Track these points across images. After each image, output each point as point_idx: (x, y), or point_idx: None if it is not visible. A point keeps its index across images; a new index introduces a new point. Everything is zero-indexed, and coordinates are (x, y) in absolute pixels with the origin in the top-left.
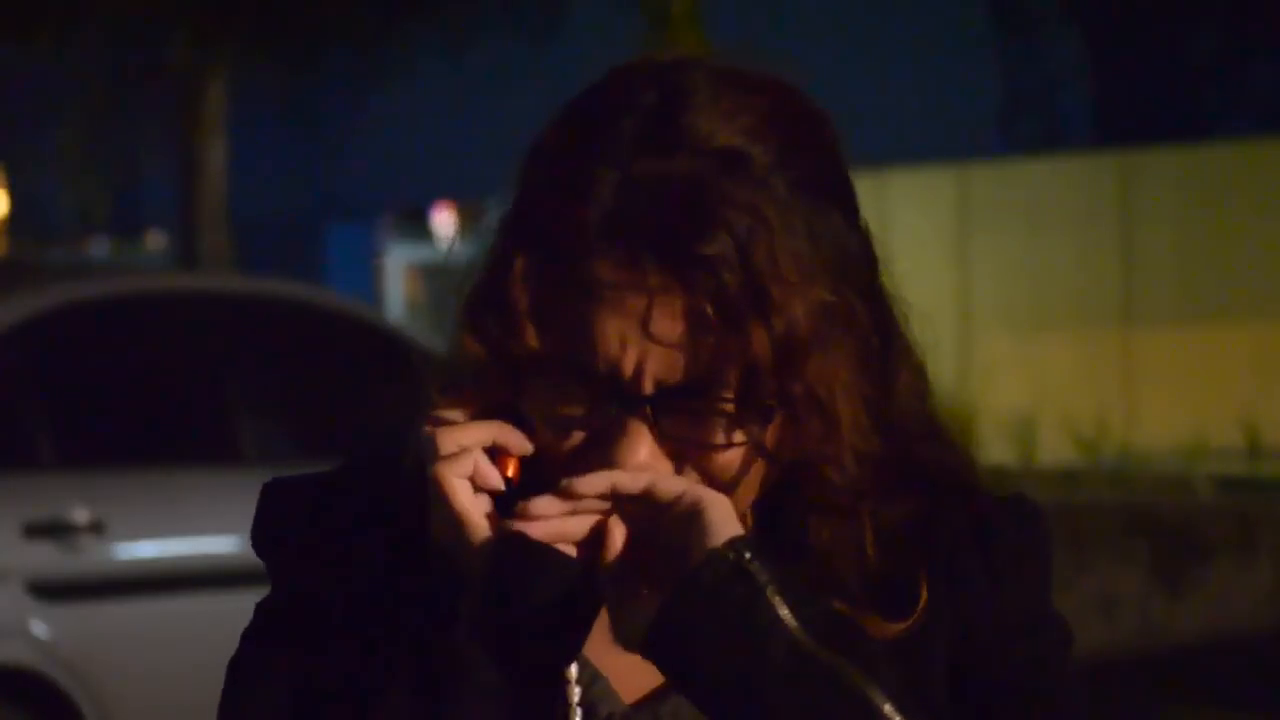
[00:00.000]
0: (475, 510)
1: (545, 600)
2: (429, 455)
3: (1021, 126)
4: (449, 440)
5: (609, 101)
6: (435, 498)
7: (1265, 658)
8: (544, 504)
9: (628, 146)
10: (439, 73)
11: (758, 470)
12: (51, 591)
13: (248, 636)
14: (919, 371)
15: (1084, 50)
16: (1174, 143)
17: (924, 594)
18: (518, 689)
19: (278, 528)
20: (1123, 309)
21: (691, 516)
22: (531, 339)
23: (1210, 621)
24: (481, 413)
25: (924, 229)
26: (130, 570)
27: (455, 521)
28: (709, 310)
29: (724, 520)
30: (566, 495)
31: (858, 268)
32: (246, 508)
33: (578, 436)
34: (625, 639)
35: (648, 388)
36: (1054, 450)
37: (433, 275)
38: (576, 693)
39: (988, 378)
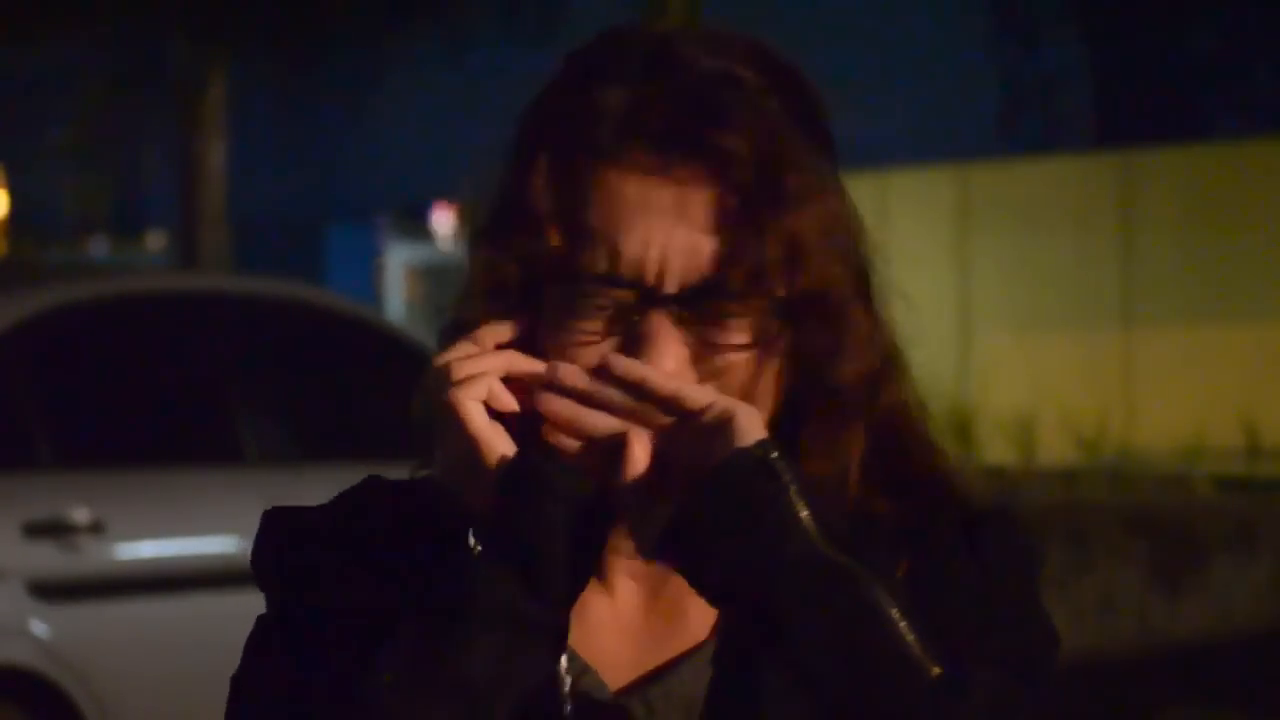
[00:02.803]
0: (491, 433)
1: (558, 518)
2: (443, 384)
3: (1021, 126)
4: (463, 368)
5: (606, 46)
6: (449, 425)
7: (1265, 658)
8: (573, 373)
9: (633, 71)
10: (439, 73)
11: (770, 383)
12: (51, 591)
13: (250, 649)
14: (896, 345)
15: (1084, 50)
16: (1174, 143)
17: (900, 574)
18: (531, 614)
19: (278, 552)
20: (1123, 309)
21: (721, 424)
22: (555, 239)
23: (1210, 621)
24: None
25: (924, 229)
26: (130, 570)
27: (471, 445)
28: (732, 204)
29: (753, 427)
30: (600, 370)
31: (846, 208)
32: (247, 508)
33: (602, 348)
34: (644, 546)
35: (671, 288)
36: (1054, 450)
37: (433, 275)
38: (567, 683)
39: (988, 378)
